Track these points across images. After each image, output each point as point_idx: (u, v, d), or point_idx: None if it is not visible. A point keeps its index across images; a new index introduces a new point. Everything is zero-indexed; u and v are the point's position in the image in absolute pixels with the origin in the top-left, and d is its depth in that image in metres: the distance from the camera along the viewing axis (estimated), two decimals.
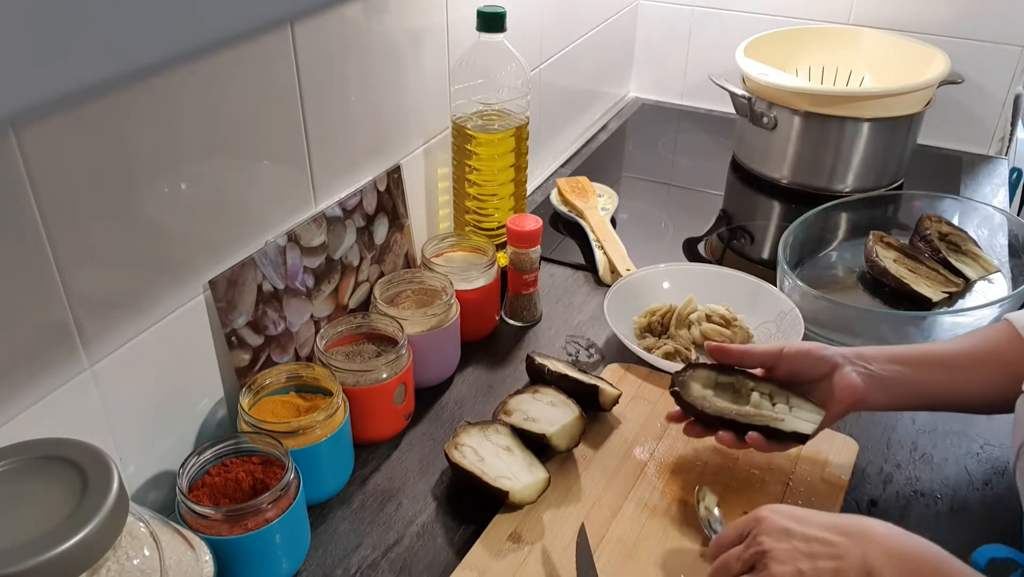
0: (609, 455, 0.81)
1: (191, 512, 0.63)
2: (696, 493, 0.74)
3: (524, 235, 0.96)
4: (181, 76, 0.65)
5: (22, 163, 0.55)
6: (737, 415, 0.74)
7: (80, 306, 0.62)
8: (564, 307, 1.06)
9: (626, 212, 1.28)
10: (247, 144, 0.74)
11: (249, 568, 0.65)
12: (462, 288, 0.93)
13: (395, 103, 0.94)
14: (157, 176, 0.66)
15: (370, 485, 0.80)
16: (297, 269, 0.83)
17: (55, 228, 0.58)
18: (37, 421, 0.61)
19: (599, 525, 0.74)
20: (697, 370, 0.79)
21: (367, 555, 0.72)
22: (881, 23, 1.44)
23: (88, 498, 0.47)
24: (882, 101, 1.22)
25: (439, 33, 0.99)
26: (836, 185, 1.30)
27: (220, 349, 0.77)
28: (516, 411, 0.82)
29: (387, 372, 0.80)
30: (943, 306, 1.03)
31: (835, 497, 0.76)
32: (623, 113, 1.64)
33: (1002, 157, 1.45)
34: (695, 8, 1.58)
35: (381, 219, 0.96)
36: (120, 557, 0.50)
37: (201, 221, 0.72)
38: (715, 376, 0.78)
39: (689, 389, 0.77)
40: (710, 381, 0.78)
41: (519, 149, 1.02)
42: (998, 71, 1.40)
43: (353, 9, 0.82)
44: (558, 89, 1.36)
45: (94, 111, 0.59)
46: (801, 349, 0.76)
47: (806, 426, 0.72)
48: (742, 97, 1.32)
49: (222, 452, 0.69)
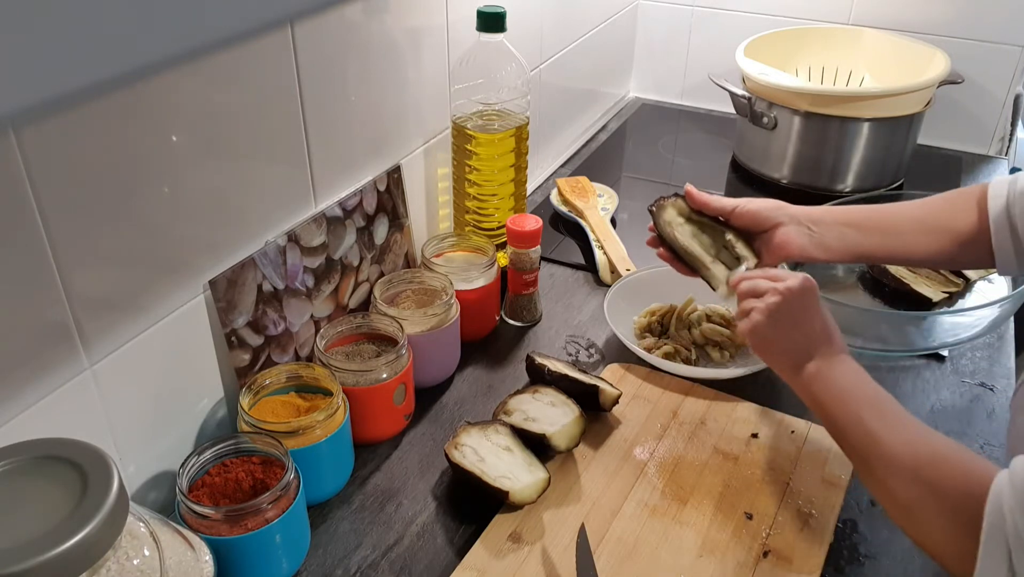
0: (609, 455, 0.81)
1: (191, 512, 0.63)
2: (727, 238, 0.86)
3: (524, 235, 0.96)
4: (181, 76, 0.65)
5: (22, 163, 0.55)
6: (678, 245, 0.87)
7: (80, 306, 0.62)
8: (564, 307, 1.06)
9: (626, 212, 1.27)
10: (247, 144, 0.74)
11: (249, 568, 0.65)
12: (462, 288, 0.93)
13: (395, 103, 0.94)
14: (157, 176, 0.66)
15: (370, 485, 0.80)
16: (297, 269, 0.83)
17: (55, 228, 0.58)
18: (37, 421, 0.61)
19: (599, 525, 0.74)
20: (679, 200, 0.89)
21: (367, 555, 0.72)
22: (881, 23, 1.44)
23: (88, 498, 0.47)
24: (882, 101, 1.22)
25: (439, 33, 0.99)
26: (836, 185, 1.30)
27: (220, 349, 0.77)
28: (516, 411, 0.82)
29: (387, 372, 0.80)
30: (943, 306, 1.03)
31: (835, 497, 0.76)
32: (623, 113, 1.64)
33: (1002, 157, 1.45)
34: (695, 8, 1.58)
35: (381, 219, 0.96)
36: (120, 557, 0.49)
37: (201, 221, 0.72)
38: (688, 211, 0.89)
39: (663, 211, 0.88)
40: (684, 212, 0.89)
41: (519, 149, 1.02)
42: (998, 71, 1.40)
43: (353, 9, 0.82)
44: (558, 89, 1.36)
45: (94, 111, 0.59)
46: (750, 209, 0.85)
47: (719, 285, 0.84)
48: (742, 97, 1.32)
49: (222, 452, 0.69)
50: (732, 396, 0.89)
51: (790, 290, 0.74)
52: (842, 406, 0.69)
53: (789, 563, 0.70)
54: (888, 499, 0.63)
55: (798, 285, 0.74)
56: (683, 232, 0.87)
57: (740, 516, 0.74)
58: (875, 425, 0.65)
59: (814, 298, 0.75)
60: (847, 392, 0.69)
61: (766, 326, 0.75)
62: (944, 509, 0.58)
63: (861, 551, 0.72)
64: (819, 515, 0.74)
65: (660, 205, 0.89)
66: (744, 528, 0.73)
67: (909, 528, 0.62)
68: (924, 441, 0.63)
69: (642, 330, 0.99)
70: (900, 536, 0.73)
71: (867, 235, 0.84)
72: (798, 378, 0.73)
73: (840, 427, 0.69)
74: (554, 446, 0.78)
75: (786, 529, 0.73)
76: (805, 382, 0.72)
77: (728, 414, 0.87)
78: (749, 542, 0.72)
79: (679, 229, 0.87)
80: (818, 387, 0.71)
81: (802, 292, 0.74)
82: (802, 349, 0.73)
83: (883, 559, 0.72)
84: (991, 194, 0.79)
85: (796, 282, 0.75)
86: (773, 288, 0.75)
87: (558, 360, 0.90)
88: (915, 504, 0.60)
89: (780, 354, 0.75)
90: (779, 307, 0.74)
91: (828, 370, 0.71)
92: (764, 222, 0.85)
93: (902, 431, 0.64)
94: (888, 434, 0.64)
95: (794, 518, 0.74)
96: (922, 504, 0.60)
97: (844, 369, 0.71)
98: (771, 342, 0.75)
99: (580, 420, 0.81)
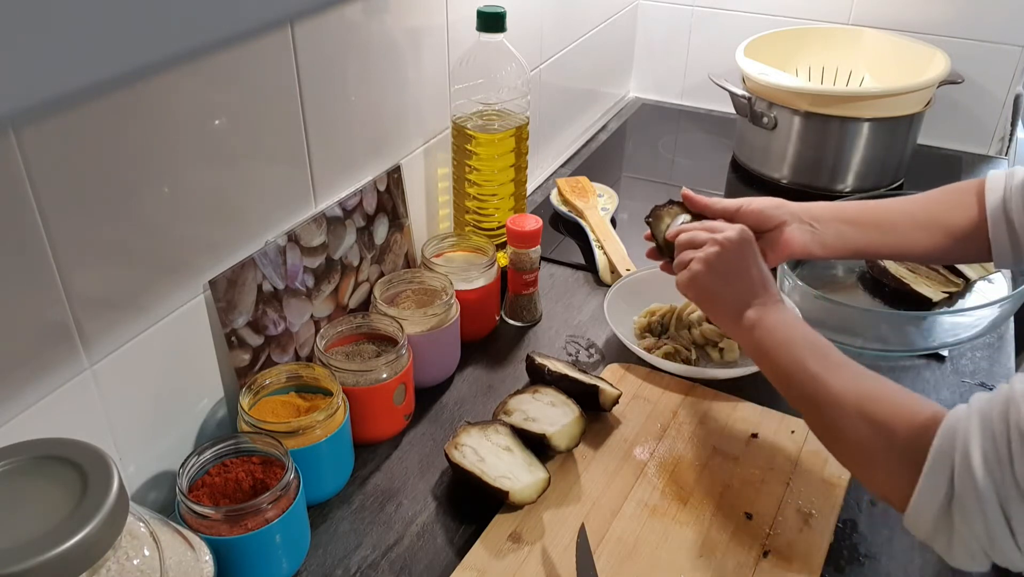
0: (609, 455, 0.81)
1: (191, 512, 0.63)
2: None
3: (524, 235, 0.96)
4: (182, 76, 0.65)
5: (22, 163, 0.55)
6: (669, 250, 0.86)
7: (80, 306, 0.62)
8: (564, 307, 1.06)
9: (626, 212, 1.27)
10: (247, 144, 0.74)
11: (249, 568, 0.65)
12: (462, 288, 0.93)
13: (395, 103, 0.94)
14: (157, 176, 0.66)
15: (370, 485, 0.80)
16: (297, 269, 0.83)
17: (55, 228, 0.58)
18: (37, 421, 0.61)
19: (599, 525, 0.74)
20: (675, 207, 0.89)
21: (367, 555, 0.72)
22: (881, 23, 1.44)
23: (88, 498, 0.47)
24: (882, 101, 1.22)
25: (439, 33, 0.99)
26: (836, 185, 1.30)
27: (220, 349, 0.77)
28: (516, 411, 0.82)
29: (387, 372, 0.80)
30: (943, 306, 1.03)
31: (835, 497, 0.76)
32: (623, 113, 1.64)
33: (1002, 157, 1.45)
34: (695, 8, 1.58)
35: (381, 219, 0.96)
36: (120, 557, 0.49)
37: (201, 221, 0.72)
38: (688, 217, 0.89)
39: (661, 221, 0.89)
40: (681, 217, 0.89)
41: (519, 149, 1.02)
42: (998, 71, 1.40)
43: (353, 9, 0.82)
44: (558, 89, 1.36)
45: (94, 111, 0.59)
46: (754, 209, 0.86)
47: None
48: (742, 97, 1.32)
49: (222, 452, 0.69)
50: (732, 396, 0.89)
51: (729, 240, 0.76)
52: (786, 352, 0.70)
53: (789, 563, 0.70)
54: (837, 440, 0.65)
55: (736, 235, 0.76)
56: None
57: (740, 516, 0.74)
58: (819, 368, 0.67)
59: (751, 248, 0.77)
60: (789, 338, 0.71)
61: (705, 275, 0.77)
62: (892, 443, 0.60)
63: (861, 551, 0.72)
64: (819, 515, 0.74)
65: (657, 215, 0.89)
66: (744, 528, 0.73)
67: (857, 470, 0.64)
68: (868, 381, 0.65)
69: (642, 330, 0.99)
70: (900, 536, 0.73)
71: (864, 231, 0.85)
72: (739, 327, 0.75)
73: (785, 373, 0.70)
74: (554, 446, 0.78)
75: (786, 529, 0.73)
76: (746, 329, 0.74)
77: (728, 414, 0.87)
78: (749, 542, 0.72)
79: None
80: (760, 334, 0.72)
81: (740, 242, 0.76)
82: (742, 298, 0.75)
83: (883, 559, 0.72)
84: (988, 188, 0.80)
85: (734, 232, 0.77)
86: (712, 239, 0.77)
87: (558, 360, 0.90)
88: (864, 441, 0.62)
89: (720, 304, 0.77)
90: (718, 256, 0.76)
91: (768, 317, 0.73)
92: (768, 221, 0.85)
93: (846, 372, 0.66)
94: (833, 376, 0.66)
95: (794, 518, 0.74)
96: (870, 440, 0.61)
97: (783, 317, 0.73)
98: (711, 292, 0.77)
99: (580, 420, 0.81)
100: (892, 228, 0.85)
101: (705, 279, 0.77)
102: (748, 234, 0.78)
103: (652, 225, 0.89)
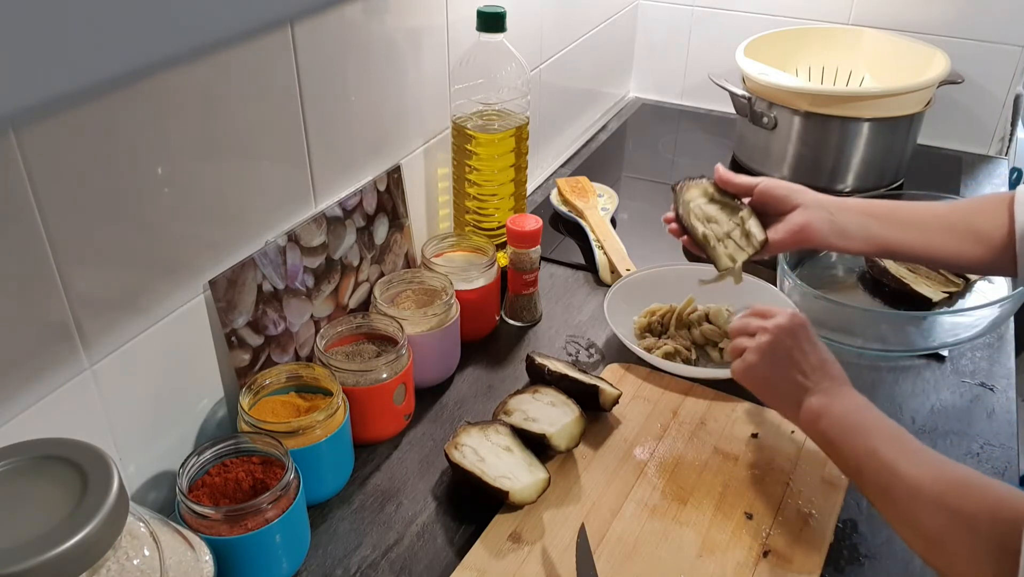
0: (609, 455, 0.81)
1: (191, 512, 0.63)
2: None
3: (524, 235, 0.96)
4: (181, 76, 0.65)
5: (22, 163, 0.55)
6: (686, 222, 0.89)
7: (80, 306, 0.62)
8: (564, 307, 1.06)
9: (626, 212, 1.27)
10: (247, 144, 0.74)
11: (249, 568, 0.65)
12: (462, 288, 0.93)
13: (395, 103, 0.94)
14: (157, 176, 0.66)
15: (370, 485, 0.80)
16: (297, 269, 0.83)
17: (55, 228, 0.58)
18: (37, 421, 0.61)
19: (599, 525, 0.74)
20: (703, 181, 0.91)
21: (367, 555, 0.72)
22: (881, 23, 1.44)
23: (88, 498, 0.47)
24: (882, 101, 1.22)
25: (439, 33, 0.99)
26: (836, 185, 1.30)
27: (220, 349, 0.77)
28: (516, 411, 0.82)
29: (387, 372, 0.80)
30: (943, 306, 1.03)
31: (835, 497, 0.76)
32: (623, 113, 1.64)
33: (1002, 157, 1.45)
34: (695, 8, 1.58)
35: (381, 219, 0.96)
36: (120, 557, 0.49)
37: (201, 221, 0.72)
38: (713, 192, 0.90)
39: (685, 191, 0.91)
40: (707, 193, 0.90)
41: (519, 149, 1.02)
42: (998, 71, 1.40)
43: (353, 9, 0.82)
44: (558, 89, 1.36)
45: (94, 111, 0.59)
46: (770, 189, 0.86)
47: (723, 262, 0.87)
48: (742, 97, 1.32)
49: (222, 452, 0.69)
50: (732, 396, 0.89)
51: (779, 327, 0.74)
52: (853, 440, 0.67)
53: (789, 563, 0.70)
54: (912, 531, 0.61)
55: (787, 322, 0.74)
56: (698, 210, 0.89)
57: (740, 516, 0.74)
58: (892, 456, 0.63)
59: (805, 332, 0.74)
60: (857, 426, 0.67)
61: (759, 366, 0.74)
62: (973, 536, 0.57)
63: (861, 551, 0.72)
64: (819, 515, 0.74)
65: (685, 185, 0.91)
66: (744, 528, 0.73)
67: (935, 559, 0.60)
68: (947, 469, 0.61)
69: (642, 330, 0.99)
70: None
71: (888, 227, 0.83)
72: (800, 416, 0.72)
73: (854, 462, 0.66)
74: (554, 446, 0.78)
75: (786, 529, 0.73)
76: (810, 419, 0.71)
77: (728, 414, 0.87)
78: (749, 542, 0.72)
79: (695, 207, 0.89)
80: (825, 424, 0.69)
81: (792, 328, 0.74)
82: (800, 386, 0.72)
83: (883, 559, 0.72)
84: (1018, 200, 0.79)
85: (785, 319, 0.74)
86: (762, 327, 0.75)
87: (558, 360, 0.90)
88: (942, 533, 0.58)
89: (778, 393, 0.74)
90: (771, 345, 0.74)
91: (832, 405, 0.69)
92: (785, 201, 0.85)
93: (922, 460, 0.63)
94: (907, 464, 0.62)
95: (794, 518, 0.74)
96: (949, 532, 0.58)
97: (849, 403, 0.69)
98: (767, 382, 0.75)
99: (580, 420, 0.81)
100: (919, 227, 0.82)
101: (759, 369, 0.74)
102: (800, 318, 0.75)
103: (677, 194, 0.91)
